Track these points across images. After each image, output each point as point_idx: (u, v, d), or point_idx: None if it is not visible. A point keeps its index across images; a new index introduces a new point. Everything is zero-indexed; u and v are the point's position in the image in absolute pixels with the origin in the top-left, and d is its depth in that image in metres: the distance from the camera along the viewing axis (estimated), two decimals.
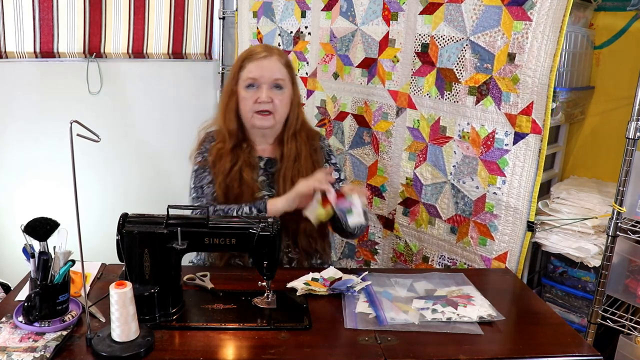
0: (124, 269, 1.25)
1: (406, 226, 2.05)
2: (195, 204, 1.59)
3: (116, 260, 1.26)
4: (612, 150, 1.84)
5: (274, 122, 1.62)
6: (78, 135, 0.99)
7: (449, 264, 1.93)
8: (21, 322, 1.13)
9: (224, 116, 1.66)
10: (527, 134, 1.64)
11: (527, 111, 1.62)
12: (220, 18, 2.98)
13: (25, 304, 1.12)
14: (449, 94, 1.81)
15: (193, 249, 1.27)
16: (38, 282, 1.14)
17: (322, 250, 1.70)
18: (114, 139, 2.69)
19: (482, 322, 1.28)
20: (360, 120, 2.14)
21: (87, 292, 1.32)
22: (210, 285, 1.39)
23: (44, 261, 1.14)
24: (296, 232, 1.62)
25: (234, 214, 1.51)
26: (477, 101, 1.74)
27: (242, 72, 1.61)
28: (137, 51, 2.73)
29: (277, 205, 1.52)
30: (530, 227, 1.68)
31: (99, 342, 1.08)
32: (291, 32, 2.38)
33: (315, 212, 1.48)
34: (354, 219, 1.45)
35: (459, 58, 1.76)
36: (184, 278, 1.40)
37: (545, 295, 1.86)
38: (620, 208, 1.51)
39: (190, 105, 3.00)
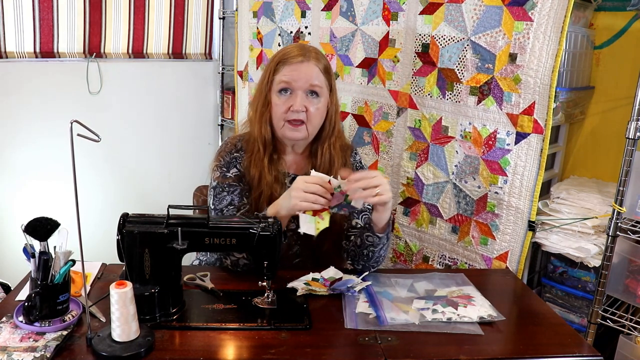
0: (124, 268, 1.25)
1: (406, 226, 2.04)
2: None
3: (116, 260, 1.26)
4: (612, 150, 1.84)
5: (306, 134, 1.48)
6: (78, 135, 0.99)
7: (449, 263, 1.93)
8: (21, 321, 1.13)
9: (256, 124, 1.51)
10: (528, 134, 1.64)
11: (528, 111, 1.62)
12: (220, 18, 2.98)
13: (26, 304, 1.12)
14: (450, 94, 1.81)
15: (193, 249, 1.27)
16: (38, 282, 1.14)
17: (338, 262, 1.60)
18: (114, 139, 2.69)
19: (483, 323, 1.27)
20: (360, 120, 2.14)
21: (87, 292, 1.32)
22: (210, 285, 1.39)
23: (44, 261, 1.13)
24: (319, 254, 1.58)
25: None
26: (479, 101, 1.74)
27: (275, 75, 1.47)
28: (137, 51, 2.73)
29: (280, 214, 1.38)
30: (531, 226, 1.68)
31: (99, 342, 1.08)
32: (291, 32, 2.38)
33: (311, 225, 1.35)
34: (358, 202, 1.33)
35: (460, 58, 1.76)
36: (185, 278, 1.40)
37: (545, 295, 1.86)
38: (620, 208, 1.51)
39: (190, 105, 3.01)
